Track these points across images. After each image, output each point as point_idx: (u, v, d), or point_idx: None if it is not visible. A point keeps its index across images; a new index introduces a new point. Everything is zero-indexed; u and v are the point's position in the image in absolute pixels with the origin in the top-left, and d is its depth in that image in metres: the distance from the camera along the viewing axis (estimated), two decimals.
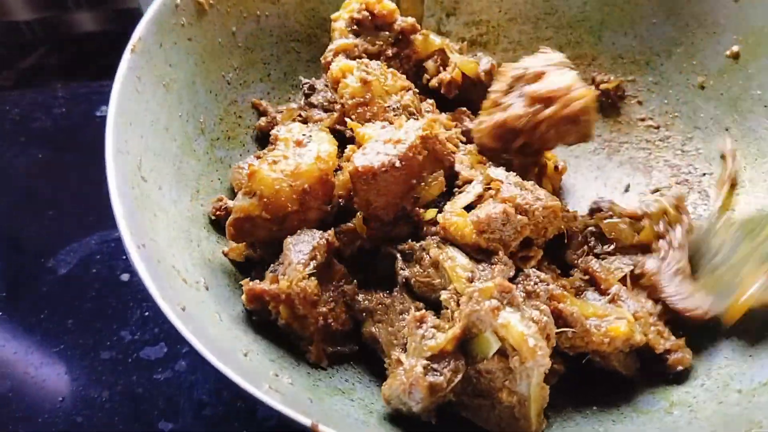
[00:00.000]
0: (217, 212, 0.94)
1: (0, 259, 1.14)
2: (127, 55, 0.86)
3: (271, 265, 0.85)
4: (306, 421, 0.61)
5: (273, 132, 0.89)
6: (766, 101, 0.96)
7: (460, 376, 0.72)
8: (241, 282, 0.83)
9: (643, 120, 1.08)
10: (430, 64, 1.05)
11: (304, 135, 0.88)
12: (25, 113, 1.36)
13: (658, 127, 1.08)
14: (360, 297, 0.84)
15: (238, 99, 1.04)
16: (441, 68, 1.05)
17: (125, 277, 1.12)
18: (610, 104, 1.12)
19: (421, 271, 0.82)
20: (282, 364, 0.78)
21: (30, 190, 1.25)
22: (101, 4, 1.53)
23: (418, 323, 0.74)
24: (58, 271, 1.13)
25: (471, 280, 0.77)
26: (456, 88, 1.05)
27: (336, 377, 0.82)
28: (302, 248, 0.82)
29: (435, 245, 0.82)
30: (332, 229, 0.85)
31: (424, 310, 0.77)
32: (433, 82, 1.04)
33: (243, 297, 0.82)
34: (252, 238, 0.88)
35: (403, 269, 0.83)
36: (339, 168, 0.89)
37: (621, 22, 1.10)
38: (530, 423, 0.73)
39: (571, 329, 0.78)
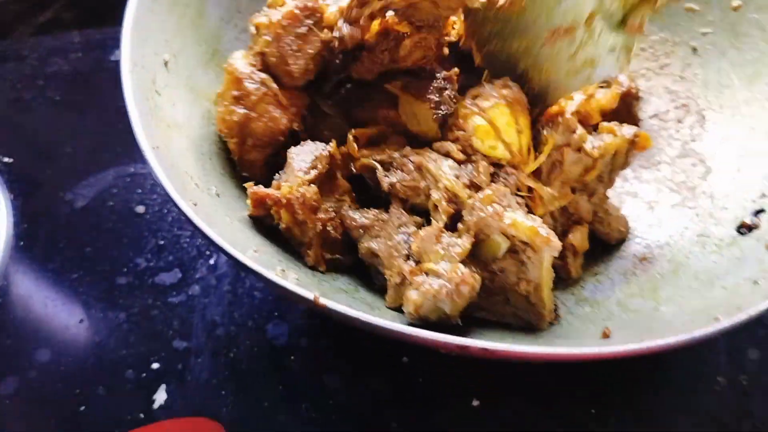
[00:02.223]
0: None
1: (20, 193, 1.18)
2: None
3: (277, 173, 0.89)
4: (309, 294, 0.65)
5: None
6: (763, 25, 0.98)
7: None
8: (247, 188, 0.87)
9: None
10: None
11: None
12: (43, 58, 1.40)
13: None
14: (356, 215, 0.86)
15: (250, 27, 1.06)
16: None
17: (140, 209, 1.16)
18: None
19: (405, 176, 0.83)
20: (289, 264, 0.82)
21: (48, 129, 1.29)
22: None
23: (438, 237, 0.78)
24: (76, 204, 1.17)
25: (458, 178, 0.80)
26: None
27: (340, 280, 0.86)
28: (305, 157, 0.86)
29: (414, 152, 0.84)
30: (334, 141, 0.88)
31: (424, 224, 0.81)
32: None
33: (248, 201, 0.85)
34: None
35: (387, 176, 0.84)
36: None
37: None
38: (544, 304, 0.79)
39: None
